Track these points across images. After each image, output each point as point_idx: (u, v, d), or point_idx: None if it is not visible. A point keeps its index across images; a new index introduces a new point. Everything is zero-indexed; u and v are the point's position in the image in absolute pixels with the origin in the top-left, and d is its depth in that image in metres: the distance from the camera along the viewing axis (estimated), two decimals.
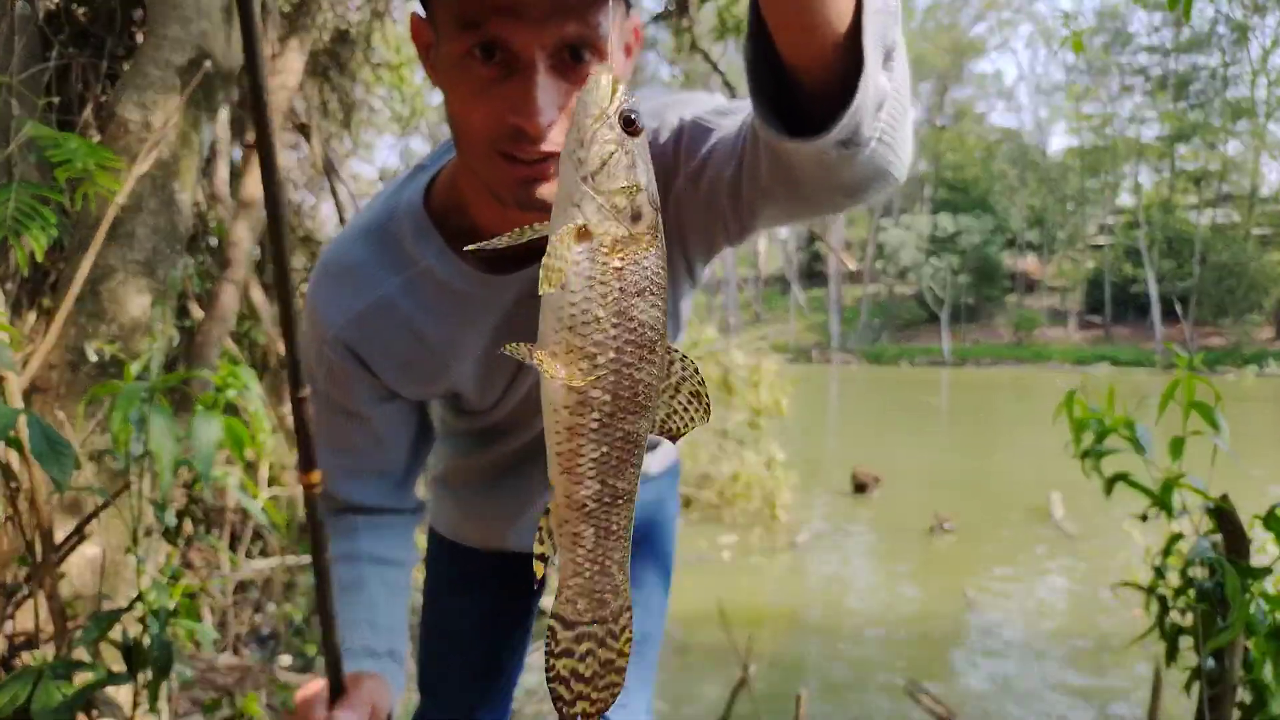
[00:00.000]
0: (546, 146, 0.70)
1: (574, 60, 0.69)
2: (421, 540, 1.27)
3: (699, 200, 0.81)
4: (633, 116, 0.44)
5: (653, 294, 0.45)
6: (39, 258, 1.55)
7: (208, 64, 2.02)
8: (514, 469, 1.13)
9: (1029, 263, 49.70)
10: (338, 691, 0.83)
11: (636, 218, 0.43)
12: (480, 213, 0.84)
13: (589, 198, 0.43)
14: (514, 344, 0.44)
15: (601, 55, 0.69)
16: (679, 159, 0.82)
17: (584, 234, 0.43)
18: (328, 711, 0.82)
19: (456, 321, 0.89)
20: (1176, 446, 1.47)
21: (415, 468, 1.07)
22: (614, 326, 0.43)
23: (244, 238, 2.47)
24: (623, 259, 0.43)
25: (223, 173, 3.47)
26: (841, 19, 0.53)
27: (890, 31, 0.56)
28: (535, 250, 0.84)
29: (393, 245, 0.88)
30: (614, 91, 0.44)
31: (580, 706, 0.50)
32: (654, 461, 1.23)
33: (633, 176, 0.43)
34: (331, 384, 0.93)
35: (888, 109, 0.58)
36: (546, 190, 0.72)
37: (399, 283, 0.88)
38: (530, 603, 1.31)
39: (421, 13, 0.76)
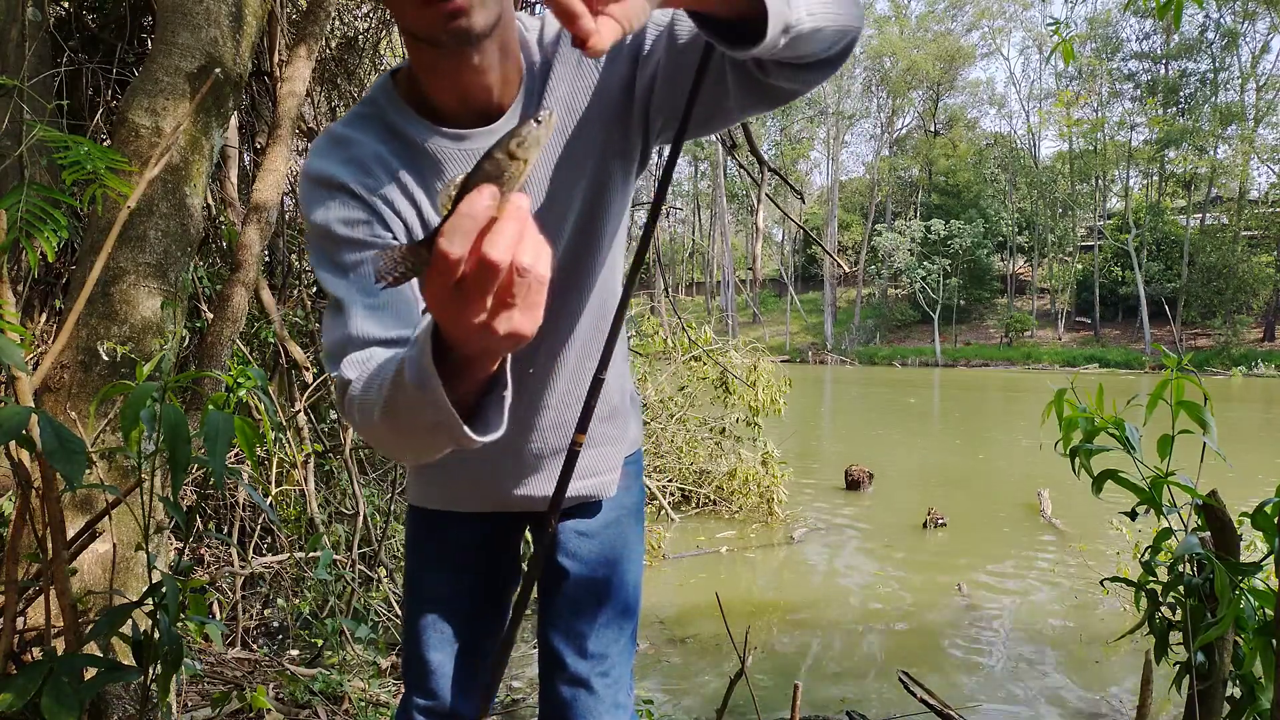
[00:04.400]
0: None
1: None
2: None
3: (684, 75, 0.94)
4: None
5: None
6: (50, 259, 1.57)
7: (217, 71, 2.04)
8: (514, 418, 1.15)
9: (1019, 265, 49.95)
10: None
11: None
12: (430, 82, 0.95)
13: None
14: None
15: None
16: (661, 36, 0.96)
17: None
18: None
19: (433, 177, 0.98)
20: (1165, 445, 1.51)
21: None
22: None
23: (254, 240, 2.49)
24: None
25: (233, 177, 3.50)
26: None
27: None
28: (494, 108, 0.96)
29: (375, 122, 0.98)
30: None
31: None
32: (618, 451, 1.27)
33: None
34: (346, 233, 0.92)
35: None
36: (465, 21, 0.84)
37: (387, 148, 0.97)
38: (510, 577, 1.32)
39: None
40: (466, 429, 0.72)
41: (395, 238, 0.96)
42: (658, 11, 0.94)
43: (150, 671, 1.44)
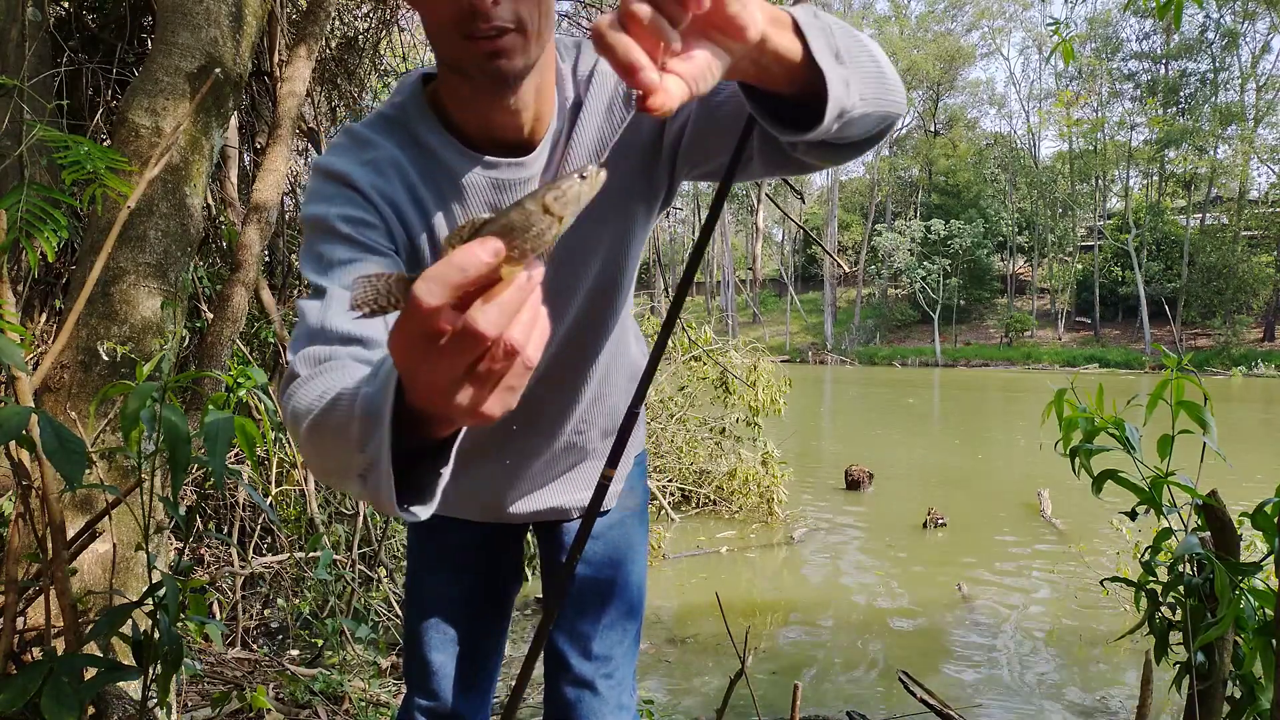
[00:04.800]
0: (498, 21, 0.80)
1: None
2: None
3: (716, 132, 0.92)
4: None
5: None
6: (50, 259, 1.57)
7: (217, 71, 2.04)
8: (505, 443, 1.15)
9: (1019, 265, 49.96)
10: None
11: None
12: (458, 111, 0.93)
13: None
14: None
15: None
16: None
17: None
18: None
19: (452, 199, 0.95)
20: (1165, 445, 1.51)
21: None
22: None
23: (254, 240, 2.49)
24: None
25: (233, 177, 3.50)
26: (795, 55, 0.65)
27: (832, 40, 0.68)
28: (524, 142, 0.94)
29: (399, 128, 0.95)
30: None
31: None
32: (625, 459, 1.27)
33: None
34: (346, 230, 0.87)
35: (860, 80, 0.70)
36: (505, 64, 0.83)
37: (406, 155, 0.94)
38: (510, 579, 1.33)
39: None
40: (394, 500, 0.61)
41: (396, 251, 0.91)
42: None
43: (150, 671, 1.44)
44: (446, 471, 0.64)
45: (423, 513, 0.64)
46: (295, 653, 2.87)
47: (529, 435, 1.16)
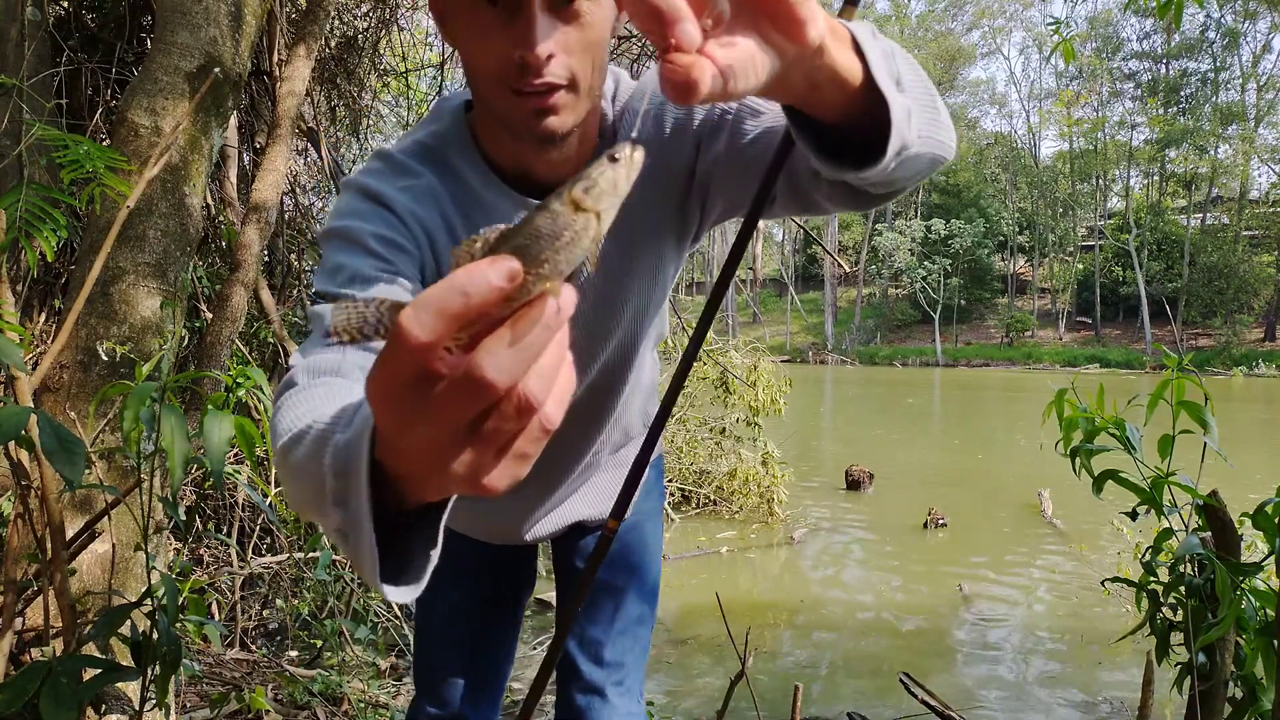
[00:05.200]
0: (548, 78, 0.76)
1: (566, 1, 0.76)
2: None
3: (742, 172, 0.86)
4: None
5: None
6: (49, 259, 1.57)
7: (216, 70, 2.04)
8: (530, 477, 1.13)
9: (1020, 265, 49.95)
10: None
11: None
12: (494, 149, 0.90)
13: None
14: None
15: None
16: (724, 129, 0.87)
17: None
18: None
19: None
20: (1165, 445, 1.51)
21: None
22: None
23: (254, 240, 2.49)
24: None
25: (233, 176, 3.50)
26: (853, 76, 0.55)
27: (893, 64, 0.59)
28: (562, 182, 0.88)
29: (438, 157, 0.91)
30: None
31: None
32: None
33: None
34: (377, 247, 0.82)
35: (918, 113, 0.63)
36: (554, 122, 0.79)
37: (444, 186, 0.91)
38: (521, 591, 1.32)
39: None
40: (378, 575, 0.48)
41: (423, 283, 0.85)
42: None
43: (149, 672, 1.44)
44: (435, 554, 0.51)
45: (404, 595, 0.50)
46: (294, 654, 2.87)
47: (546, 474, 1.14)
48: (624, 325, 1.00)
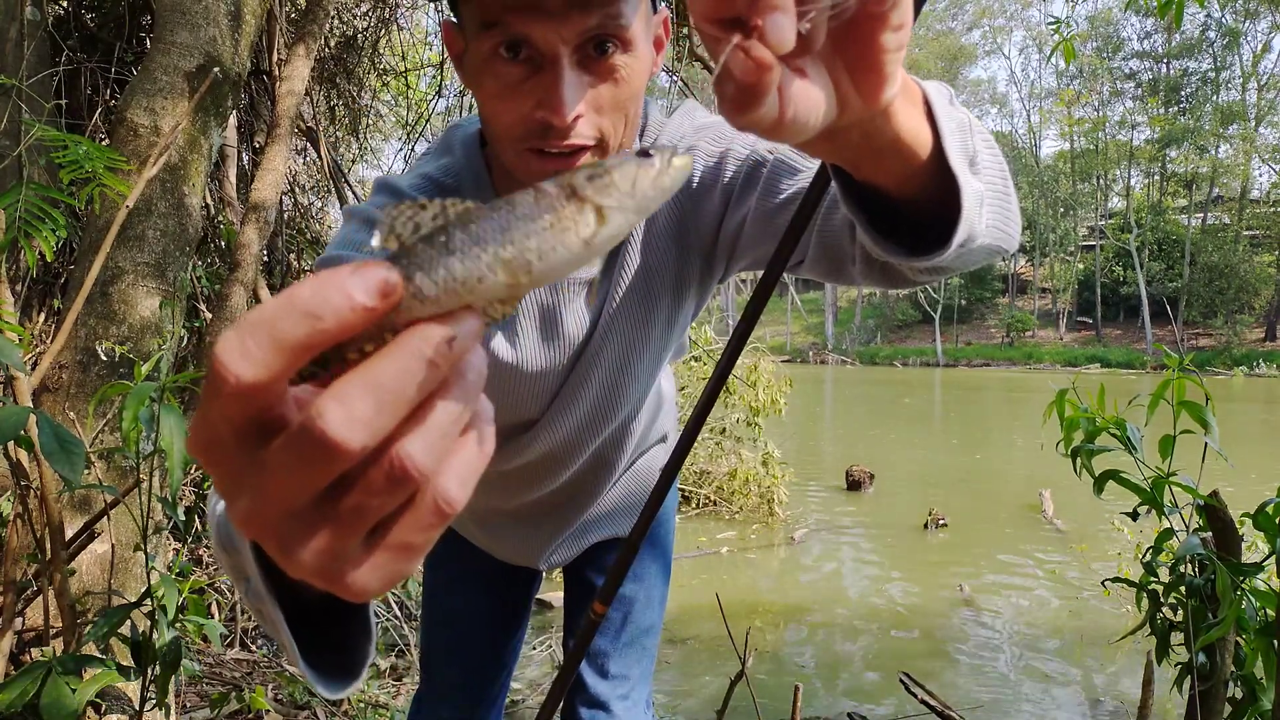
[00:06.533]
0: (574, 140, 0.69)
1: (598, 53, 0.69)
2: None
3: (772, 233, 0.79)
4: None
5: None
6: (49, 259, 1.57)
7: (216, 70, 2.04)
8: (547, 513, 1.12)
9: (1021, 265, 49.95)
10: None
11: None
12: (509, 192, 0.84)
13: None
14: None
15: (626, 46, 0.69)
16: (755, 185, 0.80)
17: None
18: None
19: None
20: (1166, 445, 1.51)
21: None
22: None
23: (253, 240, 2.49)
24: None
25: (232, 176, 3.50)
26: (920, 146, 0.47)
27: (969, 140, 0.52)
28: None
29: (450, 196, 0.85)
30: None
31: None
32: (657, 457, 1.25)
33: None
34: None
35: (990, 202, 0.56)
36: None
37: None
38: (528, 595, 1.32)
39: (453, 19, 0.76)
40: (304, 665, 0.42)
41: None
42: (764, 149, 0.78)
43: (149, 672, 1.44)
44: (371, 649, 0.44)
45: (335, 693, 0.43)
46: None
47: (564, 512, 1.13)
48: (642, 374, 0.96)
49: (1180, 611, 1.52)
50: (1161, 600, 1.56)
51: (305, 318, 0.24)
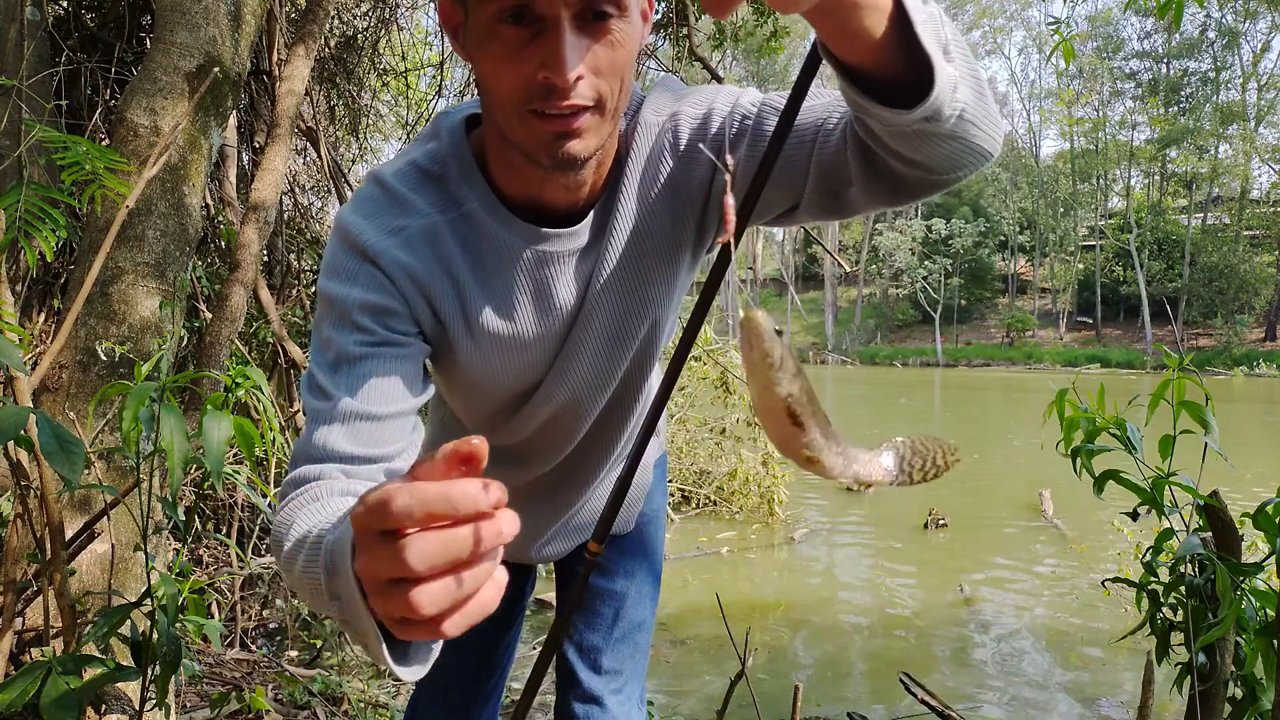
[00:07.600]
0: (575, 100, 0.72)
1: (596, 19, 0.72)
2: None
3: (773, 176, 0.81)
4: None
5: None
6: (49, 259, 1.57)
7: (216, 70, 2.04)
8: (544, 496, 1.13)
9: (1021, 265, 49.96)
10: None
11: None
12: (503, 174, 0.84)
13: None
14: None
15: (622, 12, 0.73)
16: (744, 137, 0.83)
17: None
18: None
19: (492, 271, 0.86)
20: (1166, 445, 1.51)
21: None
22: None
23: (253, 240, 2.49)
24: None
25: (232, 176, 3.50)
26: (878, 26, 0.58)
27: (940, 30, 0.60)
28: (573, 211, 0.86)
29: (437, 186, 0.85)
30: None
31: None
32: (650, 451, 1.25)
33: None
34: (361, 320, 0.79)
35: (963, 89, 0.63)
36: (577, 146, 0.74)
37: (444, 219, 0.84)
38: (522, 593, 1.32)
39: None
40: (388, 656, 0.55)
41: (420, 332, 0.84)
42: (746, 102, 0.83)
43: (149, 672, 1.44)
44: (437, 646, 0.58)
45: (410, 674, 0.57)
46: (294, 654, 2.87)
47: (560, 497, 1.13)
48: (640, 344, 0.96)
49: (1180, 611, 1.52)
50: (1161, 600, 1.56)
51: (448, 503, 0.42)
